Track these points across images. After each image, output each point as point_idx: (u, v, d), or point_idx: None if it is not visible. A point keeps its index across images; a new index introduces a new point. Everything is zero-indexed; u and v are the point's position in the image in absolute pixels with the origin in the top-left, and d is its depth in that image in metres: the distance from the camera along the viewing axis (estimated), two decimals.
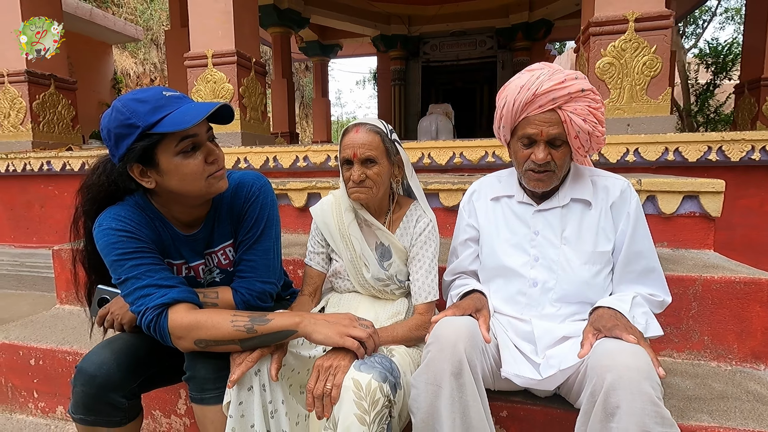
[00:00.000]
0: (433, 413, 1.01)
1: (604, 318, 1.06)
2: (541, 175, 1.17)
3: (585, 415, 0.97)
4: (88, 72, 7.21)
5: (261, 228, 1.19)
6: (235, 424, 1.00)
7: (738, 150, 2.36)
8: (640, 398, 0.87)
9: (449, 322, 1.08)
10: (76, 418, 1.08)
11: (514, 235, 1.28)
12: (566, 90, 1.09)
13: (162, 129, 0.96)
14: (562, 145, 1.14)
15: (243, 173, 1.24)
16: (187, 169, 1.02)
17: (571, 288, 1.19)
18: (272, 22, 6.79)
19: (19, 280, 3.34)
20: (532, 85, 1.11)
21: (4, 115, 3.64)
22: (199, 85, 3.22)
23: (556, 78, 1.10)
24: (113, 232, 1.03)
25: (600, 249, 1.19)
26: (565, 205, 1.23)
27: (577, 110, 1.10)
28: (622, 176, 1.27)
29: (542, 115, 1.12)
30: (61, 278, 2.14)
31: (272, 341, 1.03)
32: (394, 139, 1.32)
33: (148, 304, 1.00)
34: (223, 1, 3.13)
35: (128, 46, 9.92)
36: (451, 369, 0.99)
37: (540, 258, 1.23)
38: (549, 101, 1.10)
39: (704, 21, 12.12)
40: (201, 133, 1.03)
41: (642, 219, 1.21)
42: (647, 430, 0.86)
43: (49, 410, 1.75)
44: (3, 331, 1.86)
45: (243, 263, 1.19)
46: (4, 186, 3.58)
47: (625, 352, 0.94)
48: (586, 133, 1.12)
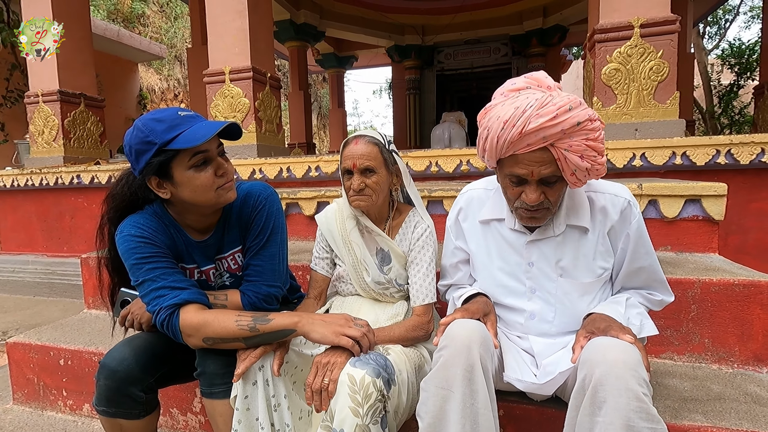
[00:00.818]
0: (441, 418, 1.00)
1: (597, 321, 1.06)
2: (535, 212, 1.08)
3: (575, 409, 0.98)
4: (116, 90, 7.58)
5: (267, 235, 1.28)
6: (241, 416, 1.09)
7: (747, 153, 2.34)
8: (626, 393, 0.89)
9: (462, 325, 1.06)
10: (99, 410, 1.18)
11: (507, 264, 1.23)
12: (559, 127, 0.95)
13: (176, 146, 1.06)
14: (556, 182, 1.04)
15: (251, 184, 1.33)
16: (199, 182, 1.11)
17: (571, 320, 1.18)
18: (289, 36, 7.01)
19: (51, 288, 3.54)
20: (518, 122, 0.97)
21: (38, 132, 3.89)
22: (217, 100, 3.38)
23: (546, 113, 0.95)
24: (132, 238, 1.14)
25: (597, 273, 1.17)
26: (560, 233, 1.16)
27: (573, 147, 0.97)
28: (624, 183, 1.22)
29: (532, 154, 0.99)
30: (89, 284, 2.28)
31: (274, 339, 1.11)
32: (392, 149, 1.39)
33: (161, 304, 1.10)
34: (239, 20, 3.29)
35: (153, 64, 10.35)
36: (465, 373, 0.98)
37: (537, 290, 1.20)
38: (539, 140, 0.97)
39: (726, 21, 11.84)
40: (212, 149, 1.13)
41: (644, 237, 1.17)
42: (631, 425, 0.88)
43: (76, 408, 1.87)
44: (36, 333, 2.00)
45: (250, 268, 1.28)
46: (38, 198, 3.81)
47: (616, 348, 0.94)
48: (583, 170, 1.00)
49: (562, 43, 8.02)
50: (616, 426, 0.89)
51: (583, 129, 0.97)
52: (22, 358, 1.92)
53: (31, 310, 3.21)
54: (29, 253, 3.89)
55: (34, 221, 3.87)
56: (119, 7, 10.18)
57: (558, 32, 7.46)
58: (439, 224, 1.46)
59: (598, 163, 1.02)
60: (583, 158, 0.99)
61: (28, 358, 1.91)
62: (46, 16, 3.67)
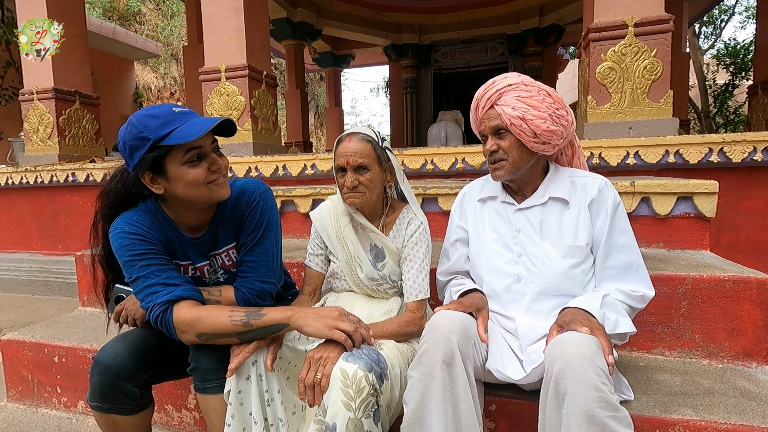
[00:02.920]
0: (424, 404, 1.05)
1: (566, 315, 1.12)
2: (495, 165, 1.29)
3: (543, 404, 1.02)
4: (111, 87, 7.55)
5: (261, 231, 1.28)
6: (234, 411, 1.09)
7: (739, 151, 2.36)
8: (584, 384, 0.92)
9: (443, 316, 1.14)
10: (93, 405, 1.19)
11: (498, 235, 1.35)
12: (495, 88, 1.25)
13: (170, 141, 1.06)
14: (506, 135, 1.26)
15: (246, 180, 1.33)
16: (191, 177, 1.11)
17: (550, 280, 1.25)
18: (286, 35, 7.00)
19: (46, 286, 3.54)
20: (478, 94, 1.30)
21: (33, 129, 3.87)
22: (213, 98, 3.38)
23: (489, 83, 1.28)
24: (126, 235, 1.14)
25: (578, 243, 1.25)
26: (543, 204, 1.30)
27: (507, 102, 1.23)
28: (617, 181, 1.33)
29: (485, 113, 1.29)
30: (83, 282, 2.28)
31: (267, 334, 1.11)
32: (385, 146, 1.40)
33: (155, 300, 1.10)
34: (235, 18, 3.29)
35: (149, 62, 10.32)
36: (443, 359, 1.04)
37: (522, 254, 1.29)
38: (486, 101, 1.27)
39: (722, 20, 11.91)
40: (206, 145, 1.13)
41: (621, 214, 1.26)
42: (592, 414, 0.91)
43: (70, 405, 1.87)
44: (30, 331, 2.00)
45: (244, 264, 1.28)
46: (33, 196, 3.79)
47: (573, 341, 0.99)
48: (518, 118, 1.21)
49: (559, 43, 8.05)
50: (578, 416, 0.92)
51: (516, 89, 1.24)
52: (16, 356, 1.92)
53: (25, 308, 3.20)
54: (24, 252, 3.88)
55: (28, 219, 3.86)
56: (115, 5, 10.13)
57: (554, 32, 7.48)
58: (434, 222, 1.47)
59: (532, 115, 1.21)
60: (515, 109, 1.22)
61: (22, 355, 1.91)
62: (41, 13, 3.66)
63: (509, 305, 1.29)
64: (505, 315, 1.29)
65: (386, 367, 1.11)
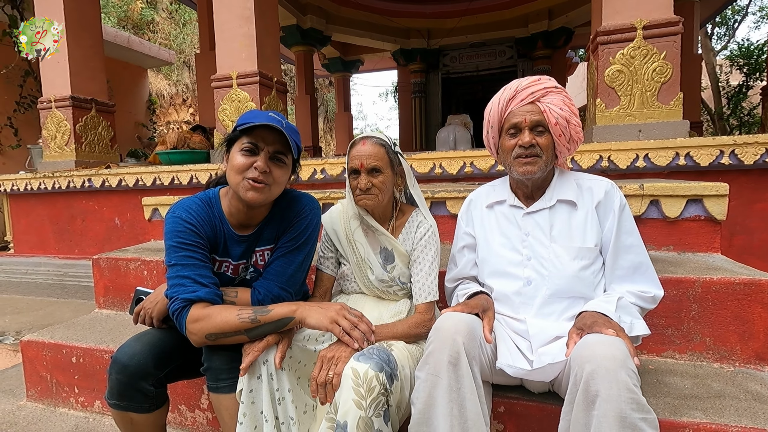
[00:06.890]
0: (431, 404, 1.07)
1: (585, 318, 1.13)
2: (529, 159, 1.27)
3: (569, 405, 1.02)
4: (126, 95, 7.70)
5: (300, 242, 1.32)
6: (246, 409, 1.12)
7: (751, 153, 2.34)
8: (616, 386, 0.93)
9: (449, 317, 1.16)
10: (111, 403, 1.22)
11: (507, 239, 1.36)
12: (542, 85, 1.26)
13: (239, 126, 1.19)
14: (544, 132, 1.26)
15: (302, 193, 1.41)
16: (236, 162, 1.20)
17: (561, 282, 1.26)
18: (296, 41, 7.09)
19: (63, 289, 3.61)
20: (513, 86, 1.29)
21: (51, 137, 3.97)
22: (224, 104, 3.44)
23: (532, 79, 1.29)
24: (181, 221, 1.21)
25: (587, 245, 1.26)
26: (551, 207, 1.32)
27: (554, 101, 1.25)
28: (627, 184, 1.34)
29: (524, 107, 1.27)
30: (100, 285, 2.34)
31: (275, 329, 1.16)
32: (397, 151, 1.43)
33: (179, 294, 1.15)
34: (246, 26, 3.35)
35: (162, 69, 10.50)
36: (449, 359, 1.06)
37: (532, 257, 1.30)
38: (528, 95, 1.26)
39: (735, 21, 11.76)
40: (264, 146, 1.20)
41: (627, 216, 1.28)
42: (624, 415, 0.92)
43: (87, 404, 1.91)
44: (48, 332, 2.05)
45: (273, 265, 1.32)
46: (51, 202, 3.89)
47: (603, 343, 1.00)
48: (564, 119, 1.24)
49: (568, 46, 8.02)
50: (610, 418, 0.92)
51: (561, 92, 1.27)
52: (36, 356, 1.97)
53: (43, 311, 3.28)
54: (41, 256, 3.97)
55: (46, 224, 3.95)
56: (129, 14, 10.34)
57: (563, 35, 7.46)
58: (442, 225, 1.49)
59: (575, 119, 1.26)
60: (562, 109, 1.24)
61: (41, 356, 1.96)
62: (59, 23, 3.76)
63: (520, 308, 1.30)
64: (516, 318, 1.30)
65: (396, 368, 1.13)
